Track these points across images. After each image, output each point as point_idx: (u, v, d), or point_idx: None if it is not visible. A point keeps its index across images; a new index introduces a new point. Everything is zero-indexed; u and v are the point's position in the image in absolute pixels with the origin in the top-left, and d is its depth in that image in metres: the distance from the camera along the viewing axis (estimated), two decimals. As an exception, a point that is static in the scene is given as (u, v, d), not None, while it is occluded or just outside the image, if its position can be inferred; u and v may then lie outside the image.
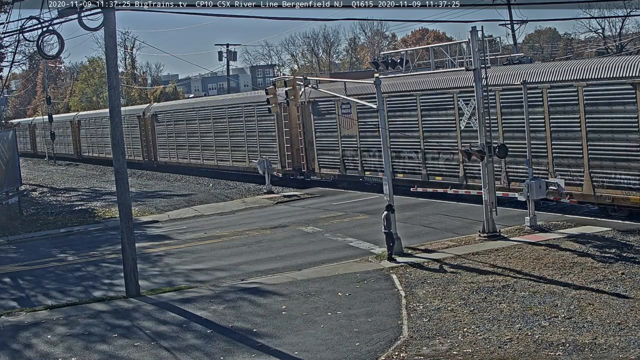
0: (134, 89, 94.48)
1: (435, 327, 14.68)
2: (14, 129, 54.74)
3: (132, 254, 19.10)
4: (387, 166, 22.25)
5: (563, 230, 22.33)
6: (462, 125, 28.06)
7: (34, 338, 16.04)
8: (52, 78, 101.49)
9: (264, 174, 37.49)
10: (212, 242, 25.91)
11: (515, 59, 30.16)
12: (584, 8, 74.38)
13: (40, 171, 64.76)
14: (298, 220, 28.39)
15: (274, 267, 21.10)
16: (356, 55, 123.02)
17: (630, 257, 18.65)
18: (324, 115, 36.11)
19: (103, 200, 39.75)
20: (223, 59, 75.72)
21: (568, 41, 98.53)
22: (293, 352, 13.90)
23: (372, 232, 24.09)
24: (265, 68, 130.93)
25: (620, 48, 74.07)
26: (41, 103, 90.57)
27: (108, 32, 18.81)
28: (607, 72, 22.99)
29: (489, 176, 22.44)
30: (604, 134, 23.21)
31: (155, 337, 15.46)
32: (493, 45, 29.36)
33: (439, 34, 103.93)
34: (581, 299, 15.61)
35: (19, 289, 21.20)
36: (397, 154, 31.15)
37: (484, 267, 18.91)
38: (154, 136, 54.22)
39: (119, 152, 19.21)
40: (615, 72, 22.74)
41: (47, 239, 29.49)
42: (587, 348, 12.91)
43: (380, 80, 23.01)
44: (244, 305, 17.30)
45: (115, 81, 19.31)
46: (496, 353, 13.06)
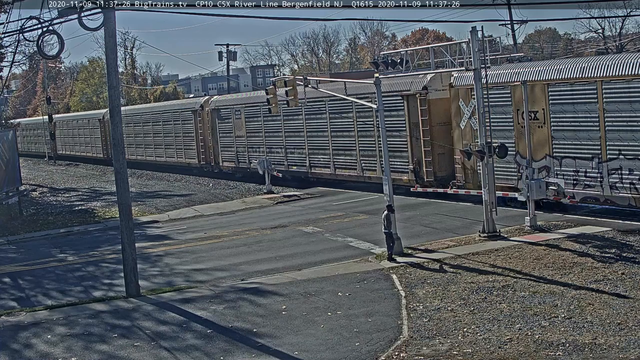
0: (134, 89, 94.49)
1: (435, 327, 14.68)
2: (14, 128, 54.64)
3: (132, 254, 19.09)
4: (386, 166, 22.23)
5: (563, 230, 22.33)
6: (462, 126, 28.02)
7: (34, 338, 16.04)
8: (52, 78, 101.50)
9: (264, 174, 37.51)
10: (212, 242, 25.91)
11: (515, 59, 30.12)
12: (584, 8, 74.53)
13: (40, 171, 64.78)
14: (298, 220, 28.39)
15: (274, 267, 21.10)
16: (356, 55, 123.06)
17: (630, 257, 18.65)
18: (224, 120, 45.14)
19: (103, 200, 39.75)
20: (223, 59, 75.71)
21: (568, 41, 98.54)
22: (293, 352, 13.90)
23: (372, 232, 24.09)
24: (265, 68, 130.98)
25: (620, 48, 74.07)
26: (41, 103, 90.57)
27: (108, 32, 18.81)
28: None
29: (489, 176, 22.43)
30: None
31: (155, 337, 15.46)
32: (493, 45, 29.31)
33: (439, 34, 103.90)
34: (581, 299, 15.61)
35: (19, 289, 21.20)
36: (292, 150, 38.88)
37: (484, 267, 18.91)
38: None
39: (119, 152, 19.21)
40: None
41: (47, 239, 29.48)
42: (587, 348, 12.90)
43: (380, 80, 23.01)
44: (243, 305, 17.30)
45: (115, 81, 19.30)
46: (496, 353, 13.05)
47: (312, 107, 35.55)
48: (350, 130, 34.19)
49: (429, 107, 29.57)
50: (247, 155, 42.92)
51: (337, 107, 34.82)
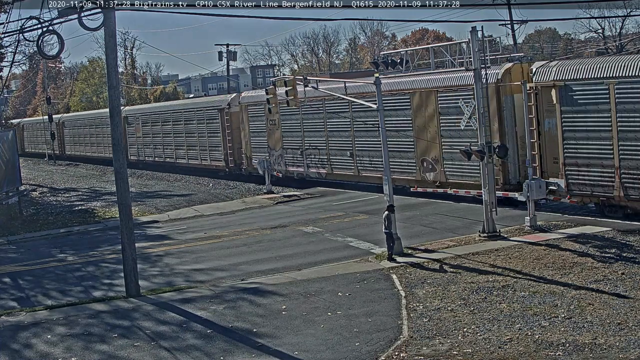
0: (134, 89, 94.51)
1: (435, 327, 14.68)
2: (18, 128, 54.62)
3: (132, 254, 19.09)
4: (386, 166, 22.22)
5: (563, 230, 22.33)
6: (462, 126, 28.01)
7: (34, 338, 16.03)
8: (52, 78, 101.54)
9: (264, 174, 37.51)
10: (212, 242, 25.91)
11: (515, 59, 30.11)
12: (584, 8, 74.49)
13: (40, 171, 64.74)
14: (298, 220, 28.38)
15: (273, 267, 21.10)
16: (356, 55, 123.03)
17: (630, 257, 18.65)
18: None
19: (103, 200, 39.74)
20: (223, 59, 75.71)
21: (568, 41, 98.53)
22: (293, 352, 13.90)
23: (372, 232, 24.08)
24: (265, 68, 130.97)
25: (620, 48, 74.04)
26: (41, 103, 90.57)
27: (108, 32, 18.80)
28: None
29: (489, 176, 22.43)
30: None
31: (155, 337, 15.46)
32: (493, 45, 29.32)
33: (439, 34, 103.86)
34: (581, 299, 15.61)
35: (19, 289, 21.19)
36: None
37: (484, 267, 18.91)
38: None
39: (119, 152, 19.21)
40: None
41: (47, 239, 29.48)
42: (587, 348, 12.90)
43: (380, 80, 23.02)
44: (243, 305, 17.30)
45: (115, 81, 19.30)
46: (496, 353, 13.05)
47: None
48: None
49: (231, 117, 43.53)
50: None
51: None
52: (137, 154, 56.17)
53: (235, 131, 43.49)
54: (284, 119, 38.11)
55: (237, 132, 43.35)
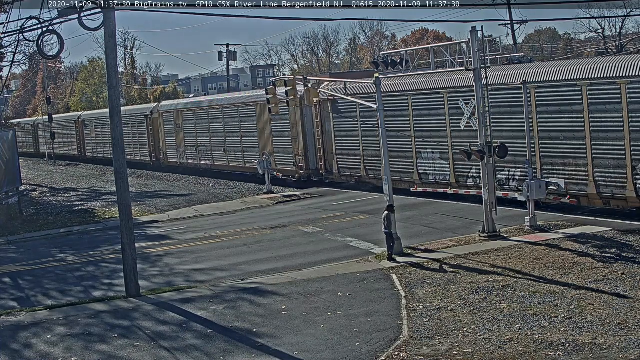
0: (134, 89, 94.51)
1: (435, 327, 14.68)
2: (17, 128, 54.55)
3: (132, 254, 19.09)
4: (386, 166, 22.23)
5: (563, 230, 22.33)
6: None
7: (34, 338, 16.03)
8: (52, 78, 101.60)
9: (264, 174, 37.51)
10: (212, 242, 25.91)
11: (515, 59, 30.13)
12: (584, 8, 74.51)
13: (40, 171, 64.74)
14: (298, 220, 28.39)
15: (273, 267, 21.10)
16: (356, 55, 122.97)
17: (630, 257, 18.65)
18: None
19: (103, 200, 39.74)
20: (223, 59, 75.74)
21: (568, 41, 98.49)
22: (293, 352, 13.90)
23: (372, 232, 24.08)
24: (265, 68, 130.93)
25: (620, 48, 74.04)
26: (41, 103, 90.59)
27: (108, 32, 18.80)
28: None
29: (489, 176, 22.43)
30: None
31: (155, 337, 15.46)
32: (493, 45, 29.28)
33: (439, 34, 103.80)
34: (581, 299, 15.61)
35: (19, 289, 21.20)
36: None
37: (484, 267, 18.91)
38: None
39: (119, 152, 19.21)
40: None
41: (47, 239, 29.48)
42: (587, 348, 12.90)
43: (380, 80, 23.01)
44: (243, 306, 17.30)
45: (115, 81, 19.30)
46: (496, 353, 13.06)
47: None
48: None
49: (153, 122, 53.66)
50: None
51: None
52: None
53: (155, 133, 54.10)
54: (185, 124, 49.28)
55: (157, 134, 54.03)
